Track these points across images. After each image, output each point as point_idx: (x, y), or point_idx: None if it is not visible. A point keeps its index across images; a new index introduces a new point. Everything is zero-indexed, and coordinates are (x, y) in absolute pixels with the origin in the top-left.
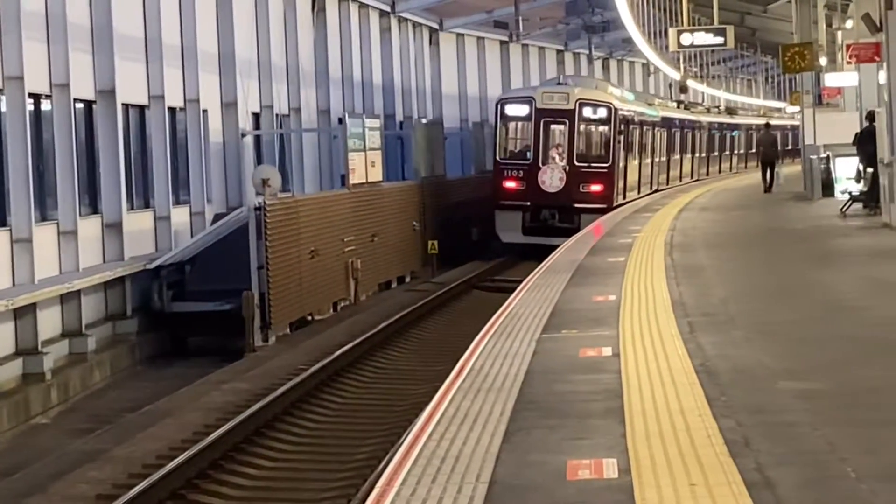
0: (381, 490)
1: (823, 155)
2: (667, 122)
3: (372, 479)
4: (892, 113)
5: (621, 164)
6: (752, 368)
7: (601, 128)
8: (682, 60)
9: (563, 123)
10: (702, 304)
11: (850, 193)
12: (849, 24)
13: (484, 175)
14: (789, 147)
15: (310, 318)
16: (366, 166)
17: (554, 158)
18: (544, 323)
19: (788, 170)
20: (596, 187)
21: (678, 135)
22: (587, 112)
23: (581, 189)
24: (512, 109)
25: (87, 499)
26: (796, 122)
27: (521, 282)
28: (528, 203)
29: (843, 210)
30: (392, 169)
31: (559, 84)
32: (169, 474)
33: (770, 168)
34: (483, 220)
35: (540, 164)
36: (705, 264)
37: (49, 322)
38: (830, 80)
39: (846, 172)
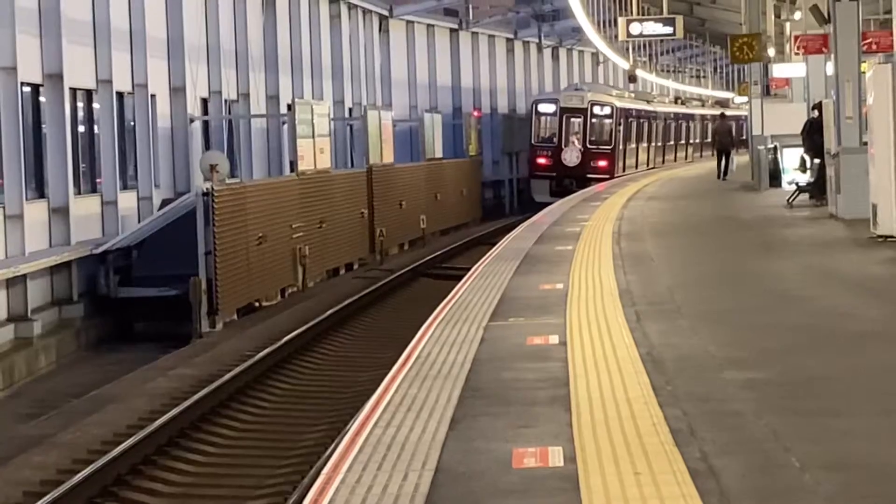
0: (326, 477)
1: (771, 145)
2: (663, 116)
3: (318, 465)
4: (839, 104)
5: (621, 147)
6: (698, 357)
7: (606, 121)
8: (631, 50)
9: (580, 117)
10: (648, 292)
11: (797, 184)
12: (797, 15)
13: (431, 162)
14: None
15: (257, 304)
16: (314, 153)
17: (573, 142)
18: (492, 311)
19: (737, 159)
20: (602, 163)
21: (673, 125)
22: (596, 109)
23: (592, 164)
24: (543, 107)
25: (31, 483)
26: (742, 113)
27: (468, 269)
28: (555, 174)
29: (790, 200)
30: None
31: (577, 89)
32: (114, 460)
33: (725, 156)
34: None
35: (563, 146)
36: (652, 253)
37: None
38: (778, 70)
39: (793, 163)
